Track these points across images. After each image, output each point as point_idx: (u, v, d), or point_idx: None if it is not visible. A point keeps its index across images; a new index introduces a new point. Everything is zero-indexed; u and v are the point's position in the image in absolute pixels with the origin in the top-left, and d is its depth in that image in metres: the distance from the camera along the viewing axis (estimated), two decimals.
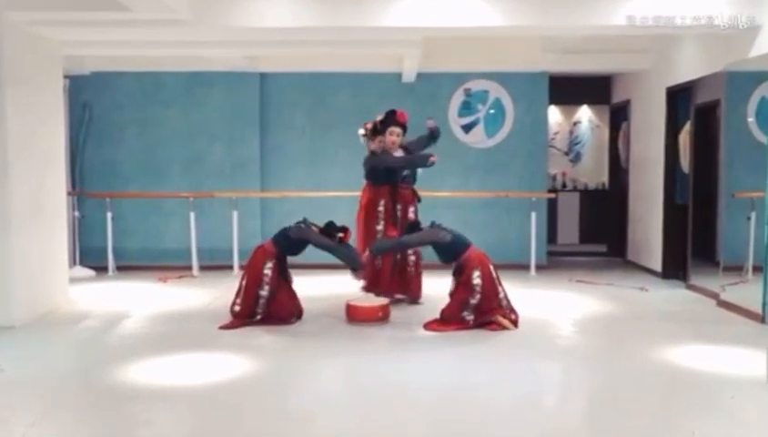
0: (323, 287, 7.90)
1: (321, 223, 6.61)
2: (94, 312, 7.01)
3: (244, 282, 6.42)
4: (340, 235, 6.46)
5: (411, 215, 7.22)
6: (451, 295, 6.36)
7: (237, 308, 6.40)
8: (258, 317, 6.34)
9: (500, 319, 6.21)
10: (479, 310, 6.21)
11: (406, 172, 7.25)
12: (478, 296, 6.18)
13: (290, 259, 6.62)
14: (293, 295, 6.57)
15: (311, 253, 6.62)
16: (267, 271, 6.36)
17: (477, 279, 6.19)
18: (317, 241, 6.46)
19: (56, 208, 7.36)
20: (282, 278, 6.47)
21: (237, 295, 6.46)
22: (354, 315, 6.49)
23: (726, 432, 3.96)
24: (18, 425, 4.03)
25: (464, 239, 6.43)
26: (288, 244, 6.51)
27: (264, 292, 6.34)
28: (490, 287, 6.23)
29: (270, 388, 4.79)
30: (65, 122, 8.29)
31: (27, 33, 6.72)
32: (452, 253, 6.40)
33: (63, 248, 7.51)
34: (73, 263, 9.06)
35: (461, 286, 6.27)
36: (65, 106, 8.28)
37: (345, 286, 7.44)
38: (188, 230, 9.21)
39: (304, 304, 6.64)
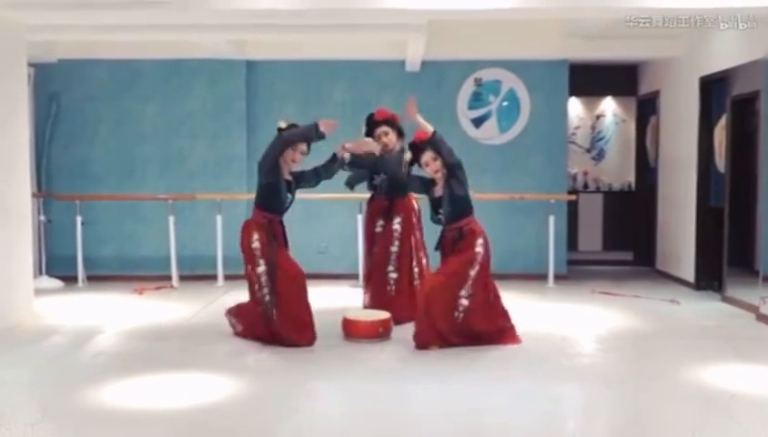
0: (317, 299, 7.88)
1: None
2: (62, 328, 6.99)
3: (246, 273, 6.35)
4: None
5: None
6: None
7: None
8: (270, 307, 6.16)
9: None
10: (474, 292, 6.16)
11: (378, 180, 7.19)
12: (477, 267, 6.14)
13: None
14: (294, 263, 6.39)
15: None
16: (256, 244, 6.23)
17: (479, 247, 6.18)
18: (295, 136, 6.32)
19: (20, 211, 7.35)
20: (275, 245, 6.26)
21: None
22: (351, 331, 6.47)
23: None
24: None
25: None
26: (267, 194, 6.32)
27: (261, 268, 6.17)
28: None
29: (256, 413, 4.76)
30: (30, 116, 8.29)
31: None
32: (462, 208, 6.30)
33: (27, 256, 7.50)
34: (38, 273, 9.05)
35: (462, 254, 6.17)
36: (29, 98, 8.28)
37: (342, 298, 7.44)
38: (167, 236, 9.20)
39: None
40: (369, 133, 7.08)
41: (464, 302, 6.09)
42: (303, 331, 6.24)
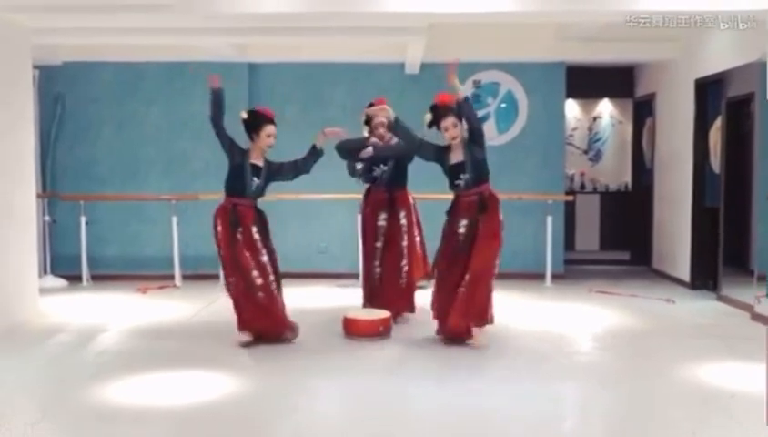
0: (317, 298, 7.90)
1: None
2: (66, 326, 7.00)
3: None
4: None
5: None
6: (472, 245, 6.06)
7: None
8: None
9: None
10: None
11: (378, 171, 7.02)
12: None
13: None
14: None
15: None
16: (219, 229, 6.25)
17: (501, 215, 6.22)
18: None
19: (25, 211, 7.35)
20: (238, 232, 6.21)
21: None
22: (352, 329, 6.46)
23: None
24: None
25: None
26: (230, 175, 6.34)
27: (221, 254, 6.21)
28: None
29: (257, 411, 4.77)
30: (35, 117, 8.29)
31: None
32: (484, 172, 6.28)
33: (32, 256, 7.50)
34: (43, 272, 9.05)
35: (489, 225, 6.10)
36: (34, 100, 8.28)
37: (341, 298, 7.43)
38: (170, 236, 9.20)
39: (297, 316, 6.58)
40: (368, 123, 6.99)
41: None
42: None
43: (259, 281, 6.12)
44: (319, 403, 4.97)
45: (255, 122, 6.42)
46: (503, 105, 9.93)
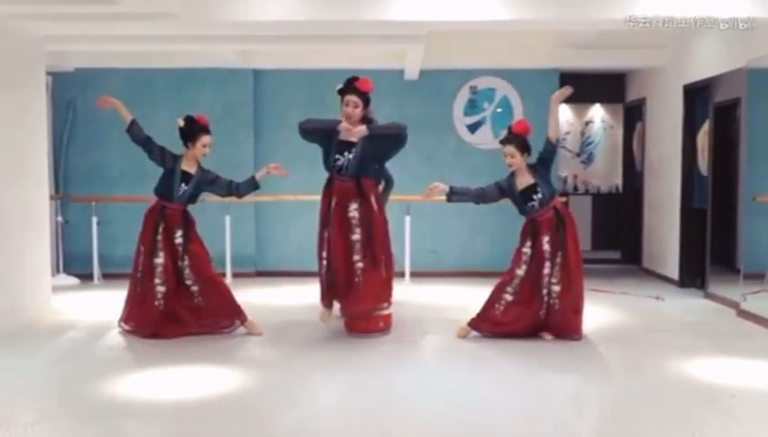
0: (315, 297, 7.88)
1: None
2: (78, 323, 7.00)
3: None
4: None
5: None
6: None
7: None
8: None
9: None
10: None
11: (343, 160, 6.28)
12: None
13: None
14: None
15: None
16: (142, 228, 6.46)
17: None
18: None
19: (39, 212, 7.35)
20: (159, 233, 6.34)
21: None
22: (353, 326, 6.46)
23: None
24: None
25: None
26: (160, 179, 6.48)
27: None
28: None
29: (263, 403, 4.77)
30: (48, 121, 8.29)
31: (8, 27, 6.73)
32: (554, 189, 6.43)
33: (45, 255, 7.50)
34: (56, 271, 9.06)
35: (572, 234, 6.23)
36: (47, 105, 8.28)
37: None
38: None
39: (300, 314, 6.59)
40: (340, 94, 6.33)
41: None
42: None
43: (161, 288, 6.28)
44: (321, 397, 4.96)
45: (191, 130, 6.45)
46: (499, 110, 9.94)
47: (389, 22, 6.78)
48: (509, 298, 6.23)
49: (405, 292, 8.10)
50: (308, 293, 7.57)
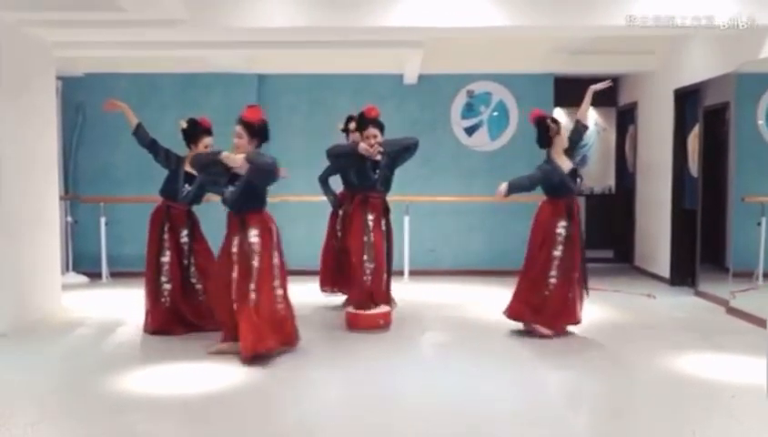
0: (319, 294, 7.90)
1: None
2: (87, 320, 7.00)
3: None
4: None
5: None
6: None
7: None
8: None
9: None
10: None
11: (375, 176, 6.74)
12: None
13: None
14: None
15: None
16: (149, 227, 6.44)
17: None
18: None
19: (49, 212, 7.36)
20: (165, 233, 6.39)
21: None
22: (355, 323, 6.47)
23: None
24: (8, 434, 4.01)
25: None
26: (165, 179, 6.50)
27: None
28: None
29: (269, 398, 4.78)
30: (58, 124, 8.29)
31: (20, 33, 6.73)
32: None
33: (55, 254, 7.51)
34: (65, 269, 9.06)
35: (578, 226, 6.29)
36: (57, 108, 8.29)
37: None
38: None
39: (302, 311, 6.56)
40: (359, 129, 6.80)
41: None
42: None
43: (167, 286, 6.30)
44: (323, 392, 4.96)
45: (193, 132, 6.46)
46: (495, 113, 9.95)
47: (388, 28, 6.80)
48: (553, 281, 6.20)
49: (404, 290, 8.10)
50: (310, 291, 7.58)
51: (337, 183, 7.49)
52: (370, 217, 6.67)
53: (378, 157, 6.65)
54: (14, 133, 6.62)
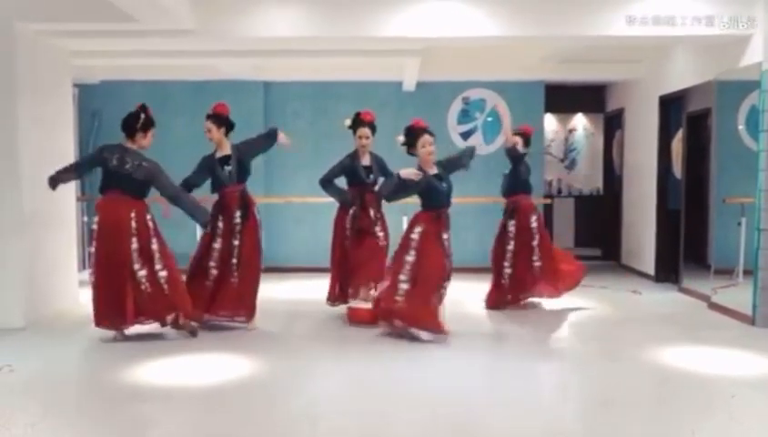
0: (322, 291, 7.91)
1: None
2: None
3: None
4: None
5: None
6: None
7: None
8: None
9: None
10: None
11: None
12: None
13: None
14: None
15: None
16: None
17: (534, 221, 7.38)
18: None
19: (66, 212, 7.38)
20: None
21: None
22: (355, 318, 6.48)
23: (725, 432, 3.96)
24: (23, 424, 4.03)
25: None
26: (212, 180, 6.55)
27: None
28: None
29: (276, 389, 4.78)
30: (75, 130, 8.30)
31: (38, 43, 6.75)
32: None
33: (72, 252, 7.53)
34: (82, 267, 9.05)
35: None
36: (74, 115, 8.29)
37: None
38: (194, 235, 9.19)
39: (305, 306, 6.59)
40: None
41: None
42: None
43: (214, 272, 6.30)
44: (327, 384, 4.97)
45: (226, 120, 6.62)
46: (489, 119, 9.97)
47: (388, 38, 6.82)
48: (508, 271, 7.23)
49: None
50: (313, 287, 7.59)
51: (338, 183, 7.47)
52: (445, 236, 6.44)
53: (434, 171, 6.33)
54: (33, 137, 6.63)
